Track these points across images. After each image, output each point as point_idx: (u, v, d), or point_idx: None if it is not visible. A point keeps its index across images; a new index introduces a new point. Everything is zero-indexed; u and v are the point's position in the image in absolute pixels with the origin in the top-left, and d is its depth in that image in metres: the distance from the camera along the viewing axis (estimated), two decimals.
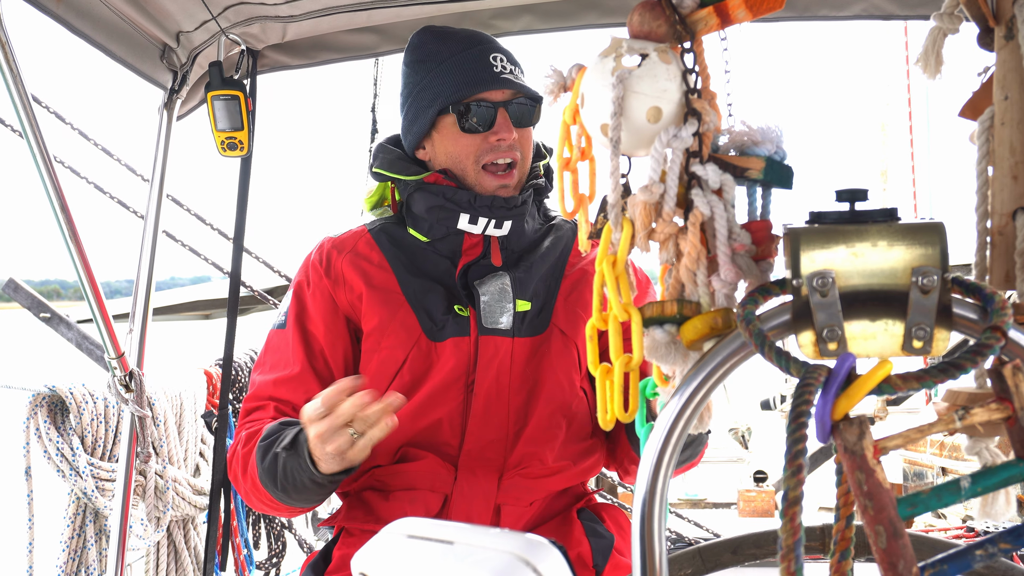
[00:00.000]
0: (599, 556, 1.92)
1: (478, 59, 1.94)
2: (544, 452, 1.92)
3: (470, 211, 1.92)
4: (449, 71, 1.94)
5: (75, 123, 3.64)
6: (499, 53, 1.96)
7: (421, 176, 1.96)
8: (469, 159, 1.93)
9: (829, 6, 2.44)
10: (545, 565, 0.89)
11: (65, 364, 5.33)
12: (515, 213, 1.94)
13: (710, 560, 1.42)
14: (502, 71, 1.93)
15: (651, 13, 1.06)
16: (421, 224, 1.99)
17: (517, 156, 1.94)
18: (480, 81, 1.91)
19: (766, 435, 11.59)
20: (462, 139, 1.94)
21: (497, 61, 1.94)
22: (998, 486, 0.85)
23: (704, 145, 1.04)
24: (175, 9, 2.28)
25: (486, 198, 1.91)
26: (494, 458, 1.91)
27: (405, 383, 1.91)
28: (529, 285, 1.96)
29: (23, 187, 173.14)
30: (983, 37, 1.13)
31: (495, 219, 1.92)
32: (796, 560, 0.79)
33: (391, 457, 1.93)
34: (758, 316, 0.92)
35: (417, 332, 1.91)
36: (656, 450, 0.94)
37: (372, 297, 1.94)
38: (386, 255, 1.99)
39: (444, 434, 1.90)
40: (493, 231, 1.94)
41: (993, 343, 0.85)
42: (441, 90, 1.94)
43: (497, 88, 1.92)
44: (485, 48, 1.96)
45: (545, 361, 1.93)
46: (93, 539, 2.85)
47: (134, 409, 2.59)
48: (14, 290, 3.69)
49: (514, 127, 1.93)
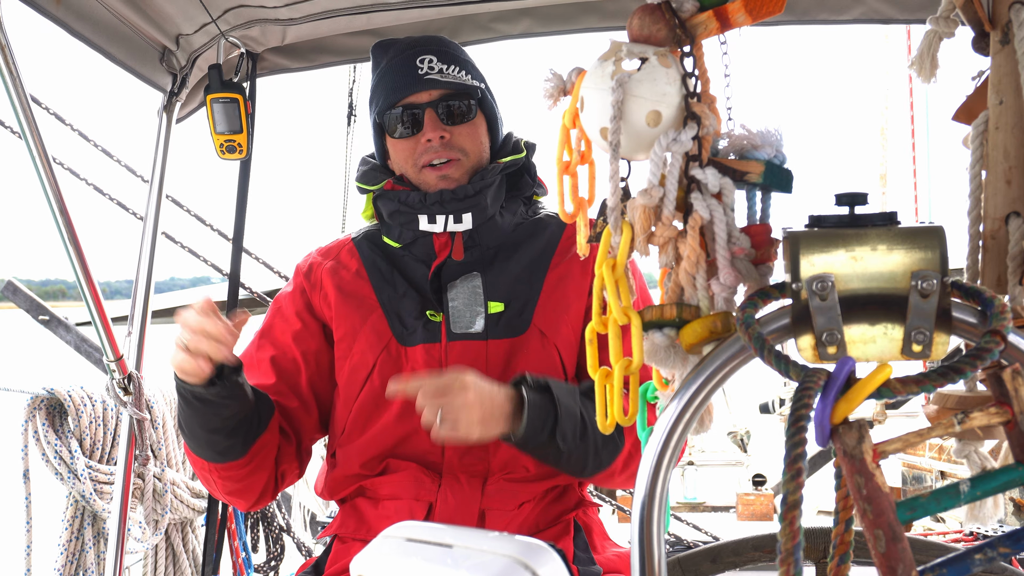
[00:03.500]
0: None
1: (404, 65, 1.95)
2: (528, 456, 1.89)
3: (424, 211, 1.93)
4: (380, 81, 1.98)
5: (75, 124, 3.64)
6: (430, 55, 1.95)
7: (380, 184, 1.99)
8: (408, 163, 1.96)
9: (828, 10, 2.44)
10: (544, 569, 0.89)
11: (64, 367, 5.33)
12: (470, 204, 1.92)
13: (689, 569, 1.42)
14: (427, 72, 1.93)
15: (651, 17, 1.06)
16: (392, 231, 2.01)
17: (455, 155, 1.93)
18: (403, 86, 1.94)
19: (765, 439, 11.59)
20: (398, 145, 1.97)
21: (424, 63, 1.94)
22: (998, 490, 0.84)
23: (704, 149, 1.04)
24: (175, 12, 2.28)
25: (434, 195, 1.92)
26: (477, 463, 1.90)
27: (376, 388, 1.91)
28: (502, 286, 1.94)
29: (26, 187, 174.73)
30: (978, 41, 1.13)
31: (450, 214, 1.92)
32: (795, 564, 0.79)
33: (377, 466, 1.93)
34: (757, 320, 0.92)
35: (387, 336, 1.92)
36: (655, 453, 0.94)
37: (344, 303, 1.97)
38: (364, 263, 2.02)
39: (425, 442, 1.89)
40: (454, 227, 1.93)
41: (992, 347, 0.85)
42: (375, 101, 1.99)
43: (421, 90, 1.93)
44: (415, 52, 1.96)
45: (522, 363, 1.90)
46: (91, 542, 2.84)
47: (132, 412, 2.59)
48: (13, 292, 3.70)
49: (446, 125, 1.93)
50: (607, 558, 1.95)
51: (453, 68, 1.96)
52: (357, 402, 1.94)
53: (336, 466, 1.98)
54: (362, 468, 1.94)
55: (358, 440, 1.94)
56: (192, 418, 1.79)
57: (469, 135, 1.96)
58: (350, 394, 1.95)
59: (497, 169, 1.96)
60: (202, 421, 1.79)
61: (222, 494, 1.96)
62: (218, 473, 1.88)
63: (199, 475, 1.95)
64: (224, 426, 1.80)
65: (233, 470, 1.87)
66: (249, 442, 1.84)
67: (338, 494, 2.00)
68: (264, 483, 1.94)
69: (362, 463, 1.93)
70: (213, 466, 1.87)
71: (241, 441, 1.83)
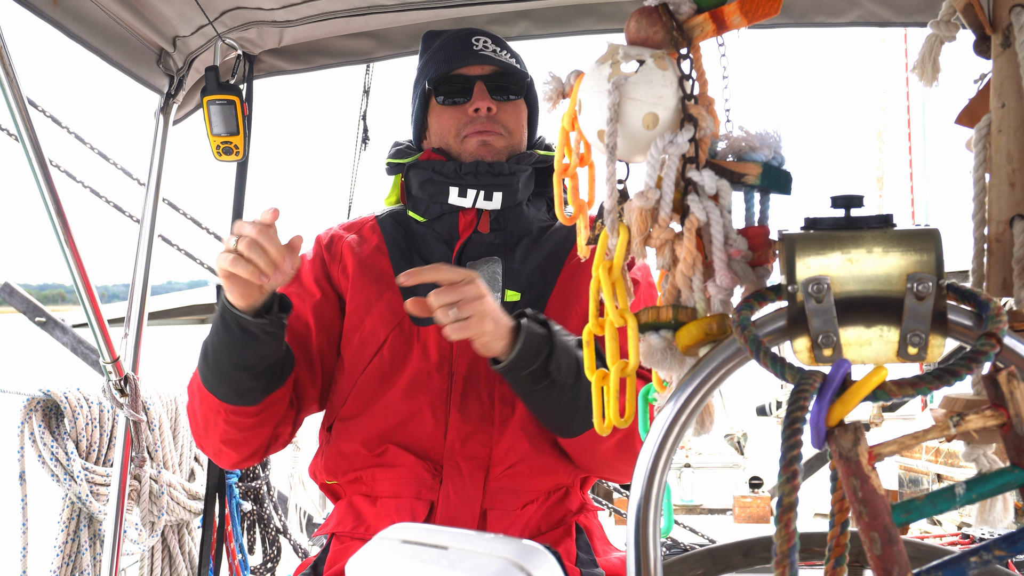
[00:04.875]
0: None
1: (460, 40, 2.02)
2: (531, 444, 1.88)
3: (457, 181, 1.94)
4: (434, 55, 2.03)
5: (71, 126, 3.64)
6: (484, 36, 2.03)
7: (416, 156, 2.02)
8: (451, 132, 1.98)
9: (825, 12, 2.45)
10: (539, 571, 0.89)
11: (60, 368, 5.32)
12: (502, 182, 1.94)
13: (720, 562, 1.41)
14: (482, 49, 1.99)
15: (648, 19, 1.07)
16: (419, 205, 2.03)
17: (499, 129, 1.96)
18: (458, 57, 1.99)
19: (762, 441, 11.60)
20: (444, 113, 2.00)
21: (479, 42, 2.01)
22: (992, 493, 0.84)
23: (700, 151, 1.04)
24: (172, 14, 2.28)
25: (470, 164, 1.94)
26: (479, 450, 1.87)
27: (384, 362, 1.91)
28: (522, 276, 1.95)
29: (24, 190, 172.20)
30: (980, 45, 1.14)
31: (482, 188, 1.94)
32: (791, 566, 0.79)
33: (377, 446, 1.90)
34: (754, 322, 0.92)
35: (401, 313, 1.90)
36: (651, 455, 0.94)
37: (361, 276, 1.97)
38: (386, 239, 2.03)
39: (428, 424, 1.88)
40: (483, 204, 1.95)
41: (988, 350, 0.85)
42: (426, 73, 2.03)
43: (475, 63, 1.98)
44: (471, 32, 2.04)
45: None
46: (87, 544, 2.84)
47: (129, 414, 2.58)
48: (9, 294, 3.69)
49: (494, 99, 1.96)
50: (608, 561, 1.95)
51: (506, 53, 2.03)
52: (364, 375, 1.92)
53: (332, 441, 1.95)
54: (362, 446, 1.90)
55: (361, 416, 1.92)
56: (225, 347, 1.75)
57: (514, 114, 2.00)
58: (356, 366, 1.93)
59: (534, 157, 2.00)
60: (235, 353, 1.74)
61: (218, 441, 1.90)
62: (224, 416, 1.83)
63: (200, 416, 1.88)
64: (255, 365, 1.76)
65: (242, 416, 1.83)
66: (268, 391, 1.82)
67: (335, 475, 1.96)
68: (262, 440, 1.91)
69: (363, 440, 1.90)
70: (224, 406, 1.82)
71: (262, 387, 1.80)
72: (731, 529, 8.94)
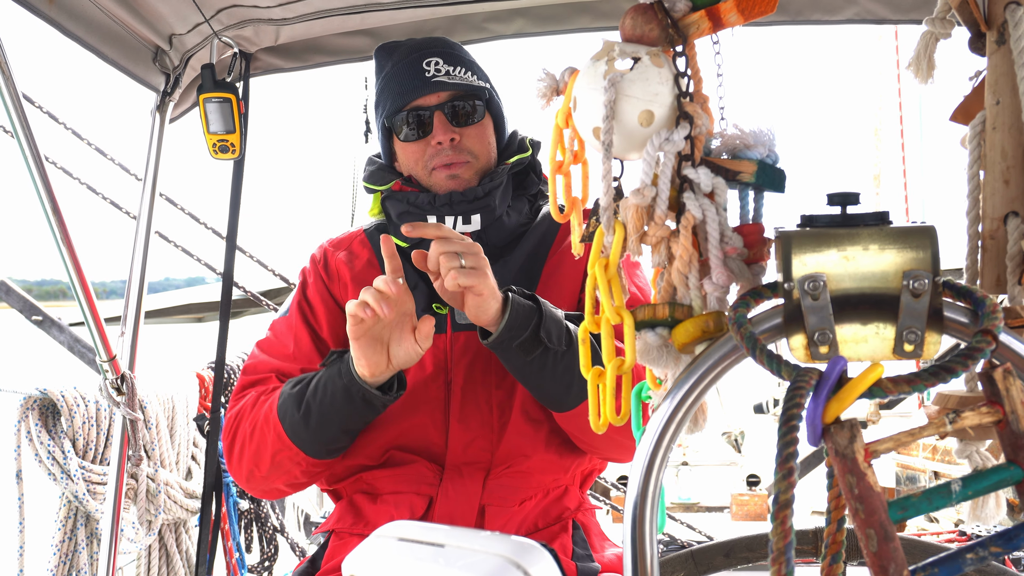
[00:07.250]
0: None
1: (411, 67, 1.97)
2: (530, 445, 1.91)
3: (434, 212, 1.94)
4: (387, 84, 1.99)
5: (68, 123, 3.63)
6: (436, 57, 1.97)
7: (389, 185, 2.01)
8: (418, 165, 1.98)
9: (821, 10, 2.45)
10: (536, 569, 0.89)
11: (57, 367, 5.32)
12: (479, 206, 1.94)
13: (702, 563, 1.42)
14: (434, 75, 1.95)
15: (643, 17, 1.07)
16: (400, 231, 2.01)
17: (464, 157, 1.95)
18: (411, 89, 1.95)
19: (759, 439, 11.63)
20: (408, 148, 1.99)
21: (431, 66, 1.95)
22: (988, 489, 0.85)
23: (696, 148, 1.04)
24: (168, 12, 2.27)
25: (444, 196, 1.93)
26: (480, 455, 1.91)
27: None
28: (505, 281, 1.94)
29: (18, 186, 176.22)
30: (974, 42, 1.13)
31: (459, 215, 1.94)
32: (787, 563, 0.79)
33: (380, 456, 1.93)
34: (750, 319, 0.92)
35: None
36: (647, 453, 0.94)
37: (357, 291, 1.96)
38: (377, 254, 2.03)
39: (430, 433, 1.91)
40: (463, 227, 1.95)
41: (984, 347, 0.85)
42: (382, 104, 2.00)
43: (429, 92, 1.94)
44: (421, 55, 1.98)
45: None
46: (84, 542, 2.84)
47: (126, 412, 2.58)
48: (5, 292, 3.68)
49: (455, 127, 1.94)
50: (605, 557, 1.95)
51: (459, 69, 1.97)
52: None
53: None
54: (365, 457, 1.94)
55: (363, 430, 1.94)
56: (338, 413, 1.79)
57: (478, 137, 1.98)
58: None
59: (505, 170, 1.99)
60: (346, 419, 1.80)
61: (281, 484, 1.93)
62: (304, 467, 1.87)
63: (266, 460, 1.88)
64: (357, 429, 1.84)
65: (321, 466, 1.90)
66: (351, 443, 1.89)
67: (337, 482, 2.00)
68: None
69: (367, 454, 1.94)
70: (307, 459, 1.86)
71: (349, 441, 1.88)
72: (729, 527, 8.95)
